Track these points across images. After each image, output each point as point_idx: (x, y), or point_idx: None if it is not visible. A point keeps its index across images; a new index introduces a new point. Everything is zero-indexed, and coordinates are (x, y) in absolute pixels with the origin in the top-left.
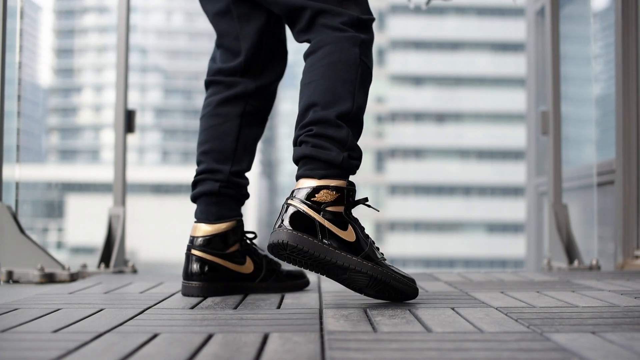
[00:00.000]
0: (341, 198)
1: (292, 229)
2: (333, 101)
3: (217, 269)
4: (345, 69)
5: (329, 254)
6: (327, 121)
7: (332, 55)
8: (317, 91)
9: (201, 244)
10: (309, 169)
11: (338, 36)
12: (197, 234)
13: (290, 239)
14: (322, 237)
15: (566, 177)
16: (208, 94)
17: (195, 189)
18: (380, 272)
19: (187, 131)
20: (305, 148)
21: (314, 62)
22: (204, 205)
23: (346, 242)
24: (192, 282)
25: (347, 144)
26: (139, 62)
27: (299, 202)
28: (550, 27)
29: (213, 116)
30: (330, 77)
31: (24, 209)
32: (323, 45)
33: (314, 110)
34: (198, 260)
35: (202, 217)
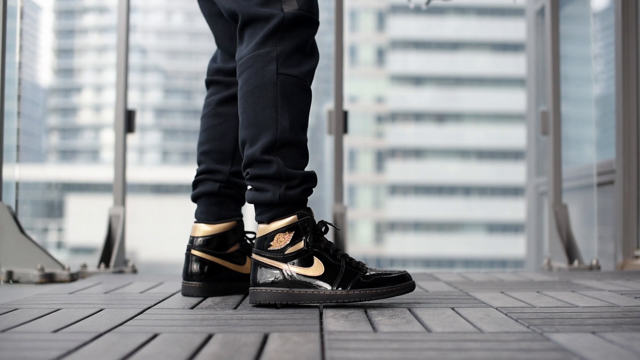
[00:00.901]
0: (298, 234)
1: (264, 288)
2: (257, 134)
3: (217, 269)
4: (261, 94)
5: (302, 299)
6: (255, 160)
7: (249, 82)
8: (243, 126)
9: (201, 244)
10: (258, 214)
11: (253, 56)
12: (197, 234)
13: (264, 298)
14: (292, 283)
15: (566, 177)
16: (208, 94)
17: (195, 189)
18: (355, 296)
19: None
20: (249, 193)
21: (238, 90)
22: (204, 205)
23: (316, 277)
24: (192, 282)
25: (282, 177)
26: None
27: (261, 256)
28: (550, 27)
29: (213, 116)
30: (250, 107)
31: (24, 209)
32: (242, 71)
33: (245, 149)
34: (198, 260)
35: (202, 217)
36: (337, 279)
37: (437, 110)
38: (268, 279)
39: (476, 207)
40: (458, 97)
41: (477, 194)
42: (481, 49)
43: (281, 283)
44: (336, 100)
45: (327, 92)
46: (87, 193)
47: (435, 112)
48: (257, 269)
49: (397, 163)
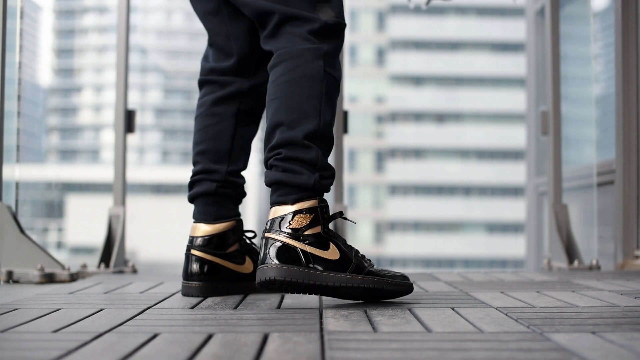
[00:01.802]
0: (316, 218)
1: (277, 262)
2: (299, 120)
3: (217, 269)
4: (309, 84)
5: (318, 279)
6: (294, 142)
7: (295, 71)
8: (281, 109)
9: (201, 244)
10: (282, 194)
11: (300, 49)
12: (196, 234)
13: (278, 274)
14: (307, 264)
15: (566, 177)
16: (202, 94)
17: (192, 189)
18: (371, 282)
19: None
20: (276, 173)
21: (277, 77)
22: (202, 205)
23: (331, 261)
24: (192, 282)
25: (318, 165)
26: (139, 62)
27: (278, 233)
28: (550, 27)
29: (207, 116)
30: (294, 93)
31: (24, 209)
32: (286, 59)
33: (280, 131)
34: (198, 260)
35: (200, 217)
36: (351, 267)
37: (437, 110)
38: (282, 256)
39: (476, 207)
40: (458, 97)
41: (477, 194)
42: (481, 49)
43: (297, 261)
44: None
45: None
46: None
47: (435, 112)
48: (269, 247)
49: (397, 163)
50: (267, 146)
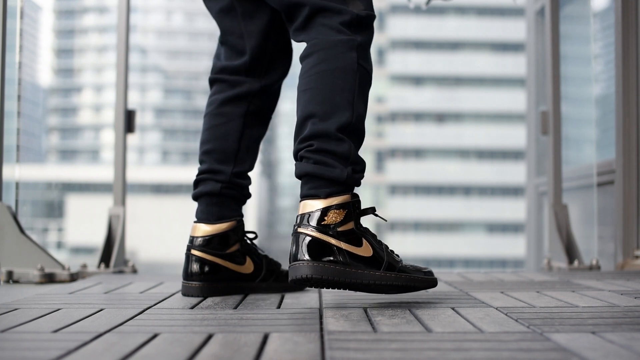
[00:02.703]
0: (349, 214)
1: (311, 259)
2: (331, 112)
3: (217, 269)
4: (342, 76)
5: (353, 277)
6: (327, 135)
7: (328, 62)
8: (314, 101)
9: (201, 244)
10: (313, 187)
11: (334, 40)
12: (196, 234)
13: (314, 272)
14: (342, 261)
15: (566, 177)
16: (212, 92)
17: (196, 188)
18: (403, 279)
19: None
20: (307, 165)
21: (309, 68)
22: (205, 205)
23: (365, 258)
24: (192, 282)
25: (350, 158)
26: (139, 62)
27: (312, 229)
28: (550, 27)
29: (216, 115)
30: (327, 85)
31: (24, 209)
32: (318, 50)
33: (312, 122)
34: (198, 260)
35: (203, 217)
36: (384, 264)
37: (437, 110)
38: (317, 252)
39: (476, 207)
40: (458, 97)
41: (477, 194)
42: (481, 49)
43: (333, 259)
44: None
45: None
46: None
47: (435, 112)
48: (301, 243)
49: (397, 163)
50: (298, 137)
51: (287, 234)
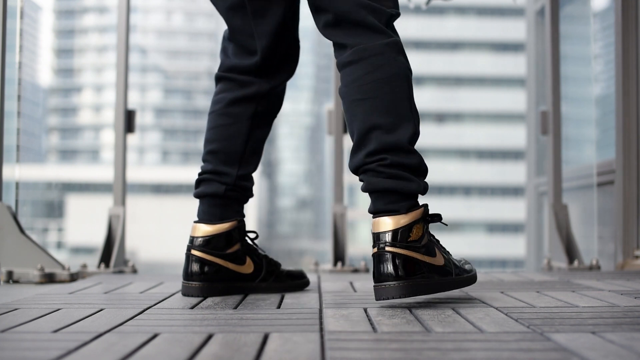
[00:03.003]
0: (426, 225)
1: (402, 279)
2: (397, 123)
3: (217, 269)
4: (399, 83)
5: (434, 288)
6: (399, 148)
7: (383, 69)
8: (376, 111)
9: (201, 244)
10: (391, 202)
11: (380, 44)
12: (196, 234)
13: (407, 292)
14: (424, 274)
15: (566, 177)
16: (219, 90)
17: (198, 187)
18: (464, 281)
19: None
20: (382, 180)
21: (362, 76)
22: (207, 206)
23: (439, 267)
24: (192, 282)
25: (422, 169)
26: (139, 62)
27: (401, 248)
28: (550, 27)
29: (223, 115)
30: (387, 94)
31: (24, 209)
32: (367, 57)
33: (377, 134)
34: (198, 260)
35: (205, 218)
36: (454, 269)
37: (437, 110)
38: (405, 270)
39: (476, 207)
40: (458, 97)
41: (477, 194)
42: (481, 49)
43: (420, 275)
44: (336, 100)
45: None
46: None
47: (435, 112)
48: (392, 263)
49: None
50: (362, 150)
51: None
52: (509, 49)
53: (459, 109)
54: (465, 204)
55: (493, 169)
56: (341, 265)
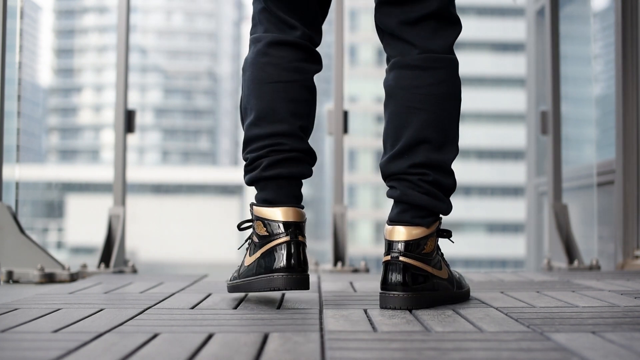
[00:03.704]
0: (437, 239)
1: (411, 290)
2: (445, 142)
3: None
4: (456, 105)
5: (439, 301)
6: (442, 168)
7: (447, 85)
8: (430, 126)
9: None
10: (418, 216)
11: (451, 59)
12: None
13: (414, 304)
14: (433, 286)
15: (566, 177)
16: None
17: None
18: (463, 295)
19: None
20: (420, 195)
21: (425, 85)
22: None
23: (444, 279)
24: None
25: (453, 191)
26: (139, 62)
27: (415, 259)
28: (550, 27)
29: (308, 89)
30: (444, 111)
31: (24, 209)
32: (437, 67)
33: (426, 149)
34: None
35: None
36: (456, 285)
37: None
38: (415, 281)
39: (476, 207)
40: None
41: (477, 194)
42: (481, 49)
43: (428, 287)
44: (336, 100)
45: (327, 92)
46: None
47: None
48: (403, 273)
49: None
50: (406, 158)
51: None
52: (509, 49)
53: None
54: (465, 204)
55: (493, 169)
56: (341, 266)
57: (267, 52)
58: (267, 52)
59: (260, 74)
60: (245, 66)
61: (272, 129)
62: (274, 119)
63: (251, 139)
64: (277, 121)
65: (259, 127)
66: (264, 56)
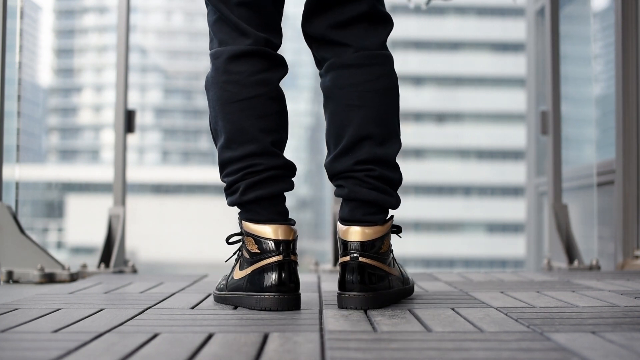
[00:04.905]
0: (390, 238)
1: (368, 290)
2: (388, 137)
3: None
4: (394, 99)
5: (393, 299)
6: (388, 162)
7: (383, 80)
8: (372, 122)
9: None
10: (370, 214)
11: (383, 55)
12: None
13: (372, 304)
14: (389, 285)
15: (566, 177)
16: (259, 67)
17: (267, 186)
18: (410, 290)
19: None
20: (367, 191)
21: (362, 82)
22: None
23: (396, 277)
24: None
25: (400, 185)
26: (139, 62)
27: (373, 259)
28: (550, 27)
29: (277, 99)
30: (384, 106)
31: (24, 209)
32: (371, 64)
33: (370, 145)
34: None
35: (281, 219)
36: (404, 281)
37: (437, 110)
38: (373, 281)
39: (476, 207)
40: (458, 97)
41: (477, 194)
42: (481, 49)
43: (382, 283)
44: None
45: None
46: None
47: (435, 112)
48: (363, 273)
49: None
50: (350, 156)
51: None
52: (509, 49)
53: (459, 109)
54: (465, 204)
55: (493, 169)
56: None
57: (227, 69)
58: (226, 69)
59: (222, 93)
60: (208, 85)
61: (243, 151)
62: (244, 139)
63: (225, 163)
64: (247, 141)
65: (231, 150)
66: (224, 74)
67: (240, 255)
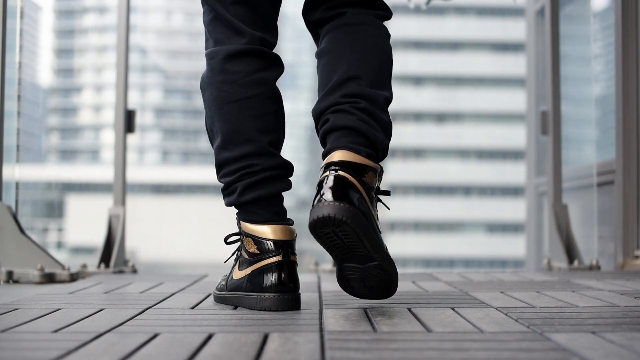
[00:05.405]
0: (377, 182)
1: (342, 200)
2: (378, 84)
3: None
4: (387, 58)
5: (364, 228)
6: (376, 101)
7: (379, 39)
8: (362, 66)
9: None
10: (354, 142)
11: (383, 25)
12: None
13: (343, 214)
14: (371, 221)
15: (566, 177)
16: (255, 67)
17: (267, 186)
18: (392, 264)
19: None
20: (353, 119)
21: (359, 32)
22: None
23: (376, 223)
24: None
25: (389, 132)
26: (139, 62)
27: (356, 179)
28: (550, 27)
29: (274, 99)
30: (376, 58)
31: (24, 209)
32: (368, 23)
33: (358, 84)
34: None
35: (279, 219)
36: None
37: (437, 110)
38: (354, 201)
39: (476, 207)
40: (458, 97)
41: (477, 194)
42: (481, 49)
43: (364, 212)
44: None
45: None
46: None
47: (435, 112)
48: (343, 187)
49: (397, 163)
50: (337, 91)
51: None
52: (509, 49)
53: (459, 109)
54: (465, 204)
55: (493, 169)
56: None
57: (223, 69)
58: (222, 69)
59: (219, 94)
60: (203, 85)
61: (240, 151)
62: (241, 139)
63: (222, 163)
64: (244, 142)
65: (228, 150)
66: (220, 74)
67: (239, 255)
